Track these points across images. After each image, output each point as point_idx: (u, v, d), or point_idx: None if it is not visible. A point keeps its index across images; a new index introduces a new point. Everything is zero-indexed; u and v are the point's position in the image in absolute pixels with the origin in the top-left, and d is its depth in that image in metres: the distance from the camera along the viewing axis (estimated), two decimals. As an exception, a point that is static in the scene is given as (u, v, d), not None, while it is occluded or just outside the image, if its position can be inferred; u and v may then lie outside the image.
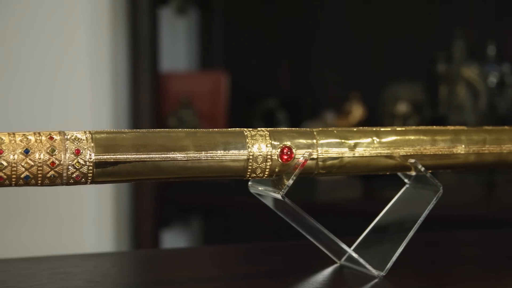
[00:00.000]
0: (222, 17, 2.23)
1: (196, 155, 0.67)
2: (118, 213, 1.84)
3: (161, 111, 2.02)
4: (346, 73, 2.11)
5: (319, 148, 0.71)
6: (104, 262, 0.84)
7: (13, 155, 0.62)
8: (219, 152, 0.68)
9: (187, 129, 0.68)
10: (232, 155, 0.68)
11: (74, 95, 1.74)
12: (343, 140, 0.72)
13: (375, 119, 1.94)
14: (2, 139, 0.62)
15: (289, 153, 0.70)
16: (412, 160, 0.74)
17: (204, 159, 0.67)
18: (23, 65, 1.70)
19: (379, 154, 0.73)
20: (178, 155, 0.66)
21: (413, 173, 0.76)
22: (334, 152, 0.72)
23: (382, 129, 0.75)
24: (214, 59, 2.25)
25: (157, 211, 1.86)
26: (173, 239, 2.20)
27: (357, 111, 1.98)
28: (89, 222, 1.79)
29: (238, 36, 2.23)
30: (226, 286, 0.73)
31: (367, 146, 0.73)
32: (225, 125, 2.06)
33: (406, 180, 0.78)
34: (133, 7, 1.80)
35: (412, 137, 0.75)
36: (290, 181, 0.69)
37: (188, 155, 0.67)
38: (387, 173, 0.76)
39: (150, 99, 1.82)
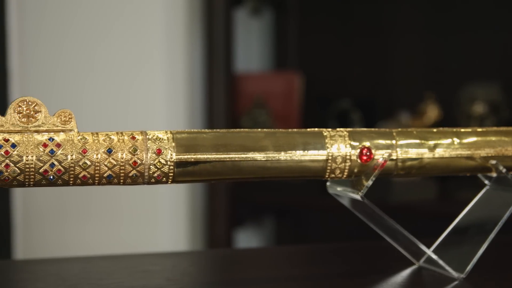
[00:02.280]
0: (296, 18, 2.23)
1: (275, 155, 0.67)
2: (193, 212, 1.86)
3: (235, 111, 2.03)
4: (421, 73, 2.09)
5: (398, 149, 0.71)
6: (182, 261, 0.85)
7: (96, 155, 0.63)
8: (298, 152, 0.68)
9: (267, 129, 0.68)
10: (311, 156, 0.68)
11: (151, 95, 1.76)
12: (422, 141, 0.72)
13: (450, 120, 1.91)
14: (85, 138, 0.63)
15: (368, 153, 0.69)
16: (493, 162, 0.73)
17: (283, 159, 0.67)
18: (101, 67, 1.72)
19: (459, 155, 0.72)
20: (258, 155, 0.67)
21: (494, 174, 0.75)
22: (413, 153, 0.71)
23: (462, 130, 0.74)
24: (288, 59, 2.25)
25: (231, 211, 1.87)
26: (246, 239, 2.21)
27: (432, 112, 1.95)
28: (164, 221, 1.80)
29: (312, 37, 2.23)
30: (302, 286, 0.73)
31: (447, 147, 0.72)
32: (298, 125, 2.06)
33: (486, 182, 0.77)
34: (208, 9, 1.81)
35: (493, 138, 0.74)
36: (370, 182, 0.69)
37: (267, 155, 0.67)
38: (467, 175, 0.75)
39: (225, 99, 1.83)
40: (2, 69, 1.65)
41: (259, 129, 0.68)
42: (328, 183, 0.73)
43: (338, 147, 0.69)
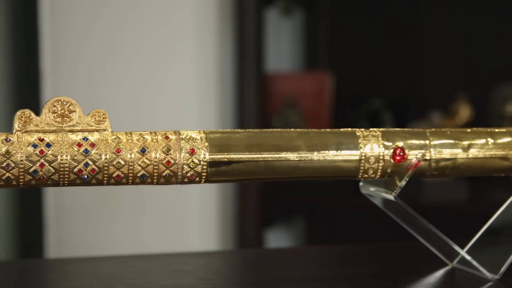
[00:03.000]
0: (327, 18, 2.23)
1: (308, 155, 0.67)
2: (223, 212, 1.86)
3: (266, 111, 2.03)
4: (453, 72, 2.07)
5: (432, 149, 0.70)
6: (214, 260, 0.85)
7: (130, 154, 0.63)
8: (331, 152, 0.68)
9: (300, 129, 0.68)
10: (344, 156, 0.68)
11: (182, 95, 1.77)
12: (456, 141, 0.71)
13: (483, 120, 1.90)
14: (119, 138, 0.63)
15: (401, 154, 0.69)
16: (528, 162, 0.73)
17: (316, 159, 0.67)
18: (132, 67, 1.73)
19: (493, 156, 0.72)
20: (291, 155, 0.67)
21: (528, 175, 0.74)
22: (447, 153, 0.71)
23: (496, 130, 0.73)
24: (318, 59, 2.25)
25: (262, 210, 1.87)
26: (276, 239, 2.21)
27: (464, 112, 1.94)
28: (195, 220, 1.81)
29: (343, 37, 2.23)
30: (333, 286, 0.73)
31: (481, 148, 0.72)
32: (329, 125, 2.05)
33: (521, 182, 0.76)
34: (239, 9, 1.81)
35: (528, 138, 0.73)
36: (403, 182, 0.69)
37: (300, 155, 0.67)
38: (501, 175, 0.74)
39: (255, 99, 1.83)
40: (35, 69, 1.66)
41: (292, 129, 0.68)
42: (361, 183, 0.73)
43: (371, 147, 0.69)
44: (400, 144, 0.69)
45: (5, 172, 0.60)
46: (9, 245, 1.70)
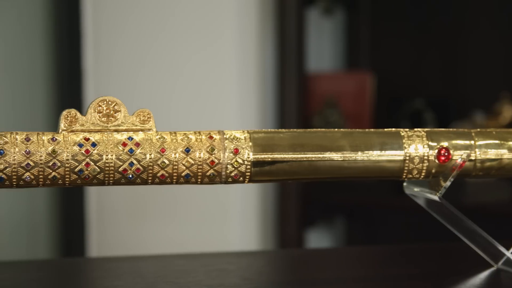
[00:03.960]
0: (369, 17, 2.22)
1: (352, 155, 0.67)
2: (264, 212, 1.86)
3: (307, 111, 2.03)
4: (497, 72, 2.05)
5: (477, 149, 0.70)
6: (257, 260, 0.85)
7: (175, 154, 0.63)
8: (375, 152, 0.67)
9: (343, 129, 0.68)
10: (388, 156, 0.68)
11: (223, 95, 1.77)
12: (502, 142, 0.70)
13: (526, 120, 1.89)
14: (164, 138, 0.63)
15: (446, 154, 0.69)
16: None
17: (360, 160, 0.67)
18: (174, 67, 1.74)
19: (540, 156, 0.71)
20: (334, 155, 0.66)
21: None
22: (492, 153, 0.70)
23: (542, 130, 0.73)
24: (360, 59, 2.24)
25: (302, 211, 1.87)
26: (317, 239, 2.20)
27: (507, 112, 1.92)
28: (235, 220, 1.81)
29: (385, 36, 2.22)
30: (377, 287, 0.73)
31: (527, 148, 0.71)
32: (370, 125, 2.05)
33: None
34: (280, 9, 1.81)
35: None
36: (448, 183, 0.68)
37: (344, 155, 0.67)
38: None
39: (296, 99, 1.83)
40: (78, 69, 1.67)
41: (336, 129, 0.68)
42: (404, 184, 0.73)
43: (416, 147, 0.68)
44: (445, 144, 0.69)
45: (51, 171, 0.61)
46: (51, 244, 1.71)
